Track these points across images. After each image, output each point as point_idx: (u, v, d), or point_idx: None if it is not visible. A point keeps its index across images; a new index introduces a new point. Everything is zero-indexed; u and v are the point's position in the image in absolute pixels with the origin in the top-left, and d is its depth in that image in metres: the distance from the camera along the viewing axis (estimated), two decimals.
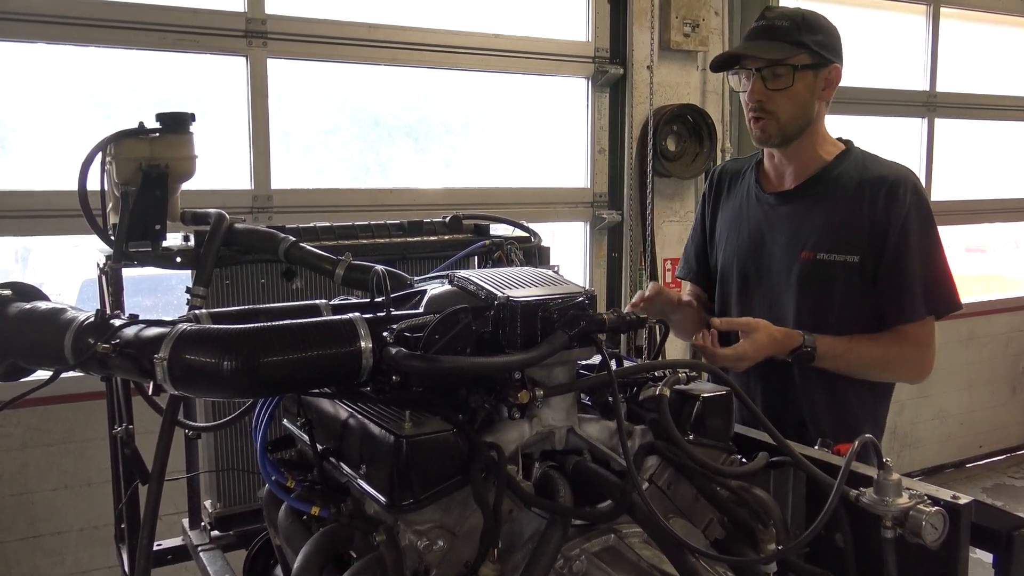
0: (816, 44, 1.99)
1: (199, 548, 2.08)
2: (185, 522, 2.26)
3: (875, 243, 1.97)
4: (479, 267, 2.19)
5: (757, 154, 2.24)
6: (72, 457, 3.39)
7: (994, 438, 6.21)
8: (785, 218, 2.10)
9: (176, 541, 2.25)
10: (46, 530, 3.39)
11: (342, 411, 1.39)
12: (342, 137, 4.18)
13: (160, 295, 3.63)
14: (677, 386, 1.41)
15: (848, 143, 2.14)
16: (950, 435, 6.00)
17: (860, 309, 2.01)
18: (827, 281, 2.02)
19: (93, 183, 1.93)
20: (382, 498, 1.23)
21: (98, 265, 2.07)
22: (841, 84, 2.10)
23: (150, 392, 1.78)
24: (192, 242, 1.98)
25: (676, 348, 4.66)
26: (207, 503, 2.18)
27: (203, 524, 2.19)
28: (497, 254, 2.15)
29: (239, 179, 3.63)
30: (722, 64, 2.10)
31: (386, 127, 4.25)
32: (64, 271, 3.90)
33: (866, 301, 2.01)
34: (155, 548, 2.18)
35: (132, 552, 2.14)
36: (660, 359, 1.68)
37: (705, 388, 1.43)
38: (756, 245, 2.14)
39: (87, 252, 2.25)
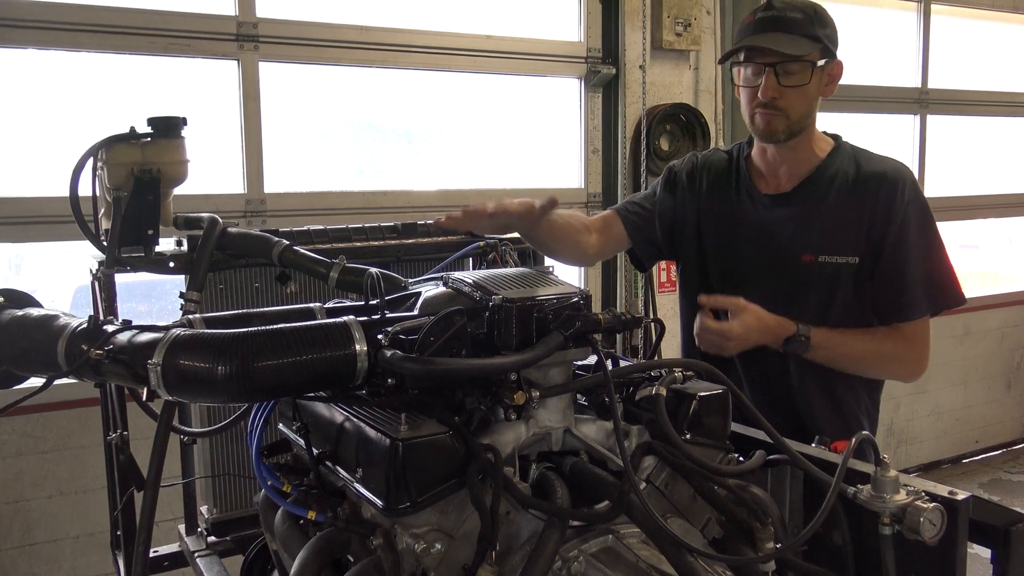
0: (827, 39, 1.92)
1: (196, 554, 2.08)
2: (181, 528, 2.25)
3: (874, 242, 1.94)
4: (474, 269, 2.19)
5: (741, 148, 2.15)
6: (67, 464, 3.38)
7: (990, 433, 6.23)
8: (782, 221, 2.03)
9: (173, 547, 2.25)
10: (42, 538, 3.38)
11: (338, 415, 1.39)
12: (335, 140, 4.18)
13: (154, 300, 3.62)
14: (673, 385, 1.41)
15: (836, 137, 2.09)
16: (946, 431, 6.01)
17: (862, 311, 1.99)
18: (829, 284, 1.98)
19: (85, 189, 1.92)
20: (378, 501, 1.23)
21: (91, 271, 2.06)
22: None
23: (144, 398, 1.77)
24: (185, 247, 1.97)
25: (672, 348, 4.66)
26: (203, 508, 2.18)
27: (200, 530, 2.19)
28: (492, 255, 2.15)
29: (232, 183, 3.63)
30: (732, 56, 1.99)
31: (379, 129, 4.25)
32: (57, 277, 3.88)
33: (867, 301, 1.98)
34: (151, 554, 2.18)
35: (128, 559, 2.13)
36: (656, 358, 1.68)
37: (701, 387, 1.42)
38: (751, 247, 2.07)
39: (80, 258, 2.24)
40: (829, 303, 1.98)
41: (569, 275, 4.45)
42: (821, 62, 1.91)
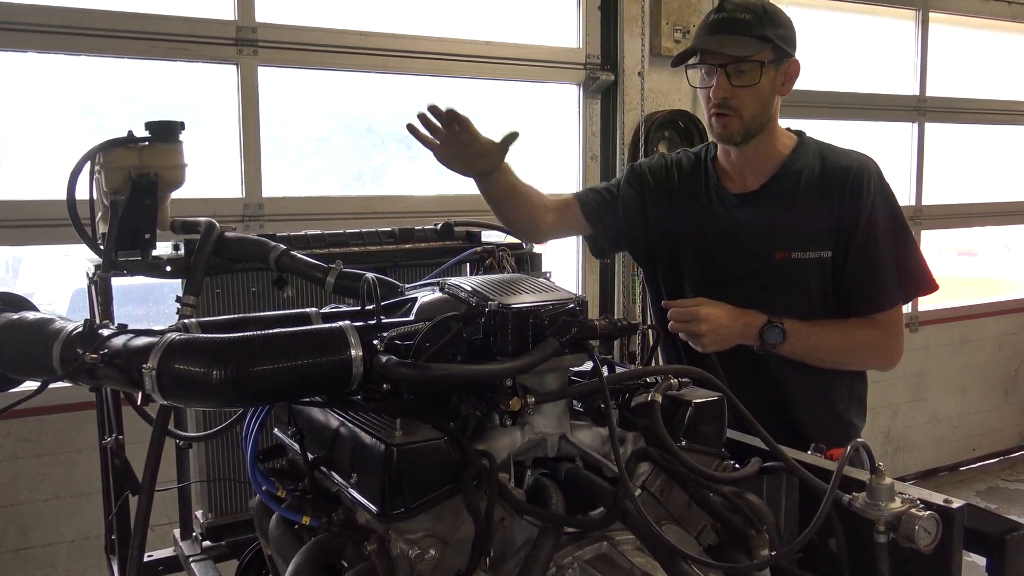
0: (778, 38, 1.93)
1: (190, 559, 2.07)
2: (176, 532, 2.24)
3: (844, 234, 1.96)
4: (471, 274, 2.19)
5: (708, 149, 2.16)
6: (63, 468, 3.37)
7: (987, 441, 6.23)
8: (752, 219, 2.04)
9: (168, 552, 2.24)
10: (37, 541, 3.37)
11: (333, 420, 1.38)
12: (335, 145, 4.18)
13: (151, 304, 3.62)
14: (669, 392, 1.41)
15: (800, 133, 2.09)
16: (943, 438, 6.01)
17: (840, 305, 2.01)
18: (805, 279, 1.99)
19: (83, 192, 1.92)
20: (373, 507, 1.22)
21: (87, 274, 2.06)
22: (832, 89, 2.07)
23: (139, 402, 1.77)
24: (182, 251, 1.97)
25: None
26: (198, 513, 2.17)
27: (195, 534, 2.18)
28: (489, 261, 2.15)
29: (230, 187, 3.63)
30: (684, 59, 2.01)
31: (379, 134, 4.25)
32: (55, 281, 3.89)
33: (842, 294, 2.00)
34: (146, 559, 2.18)
35: (123, 563, 2.12)
36: (652, 365, 1.68)
37: (697, 394, 1.42)
38: (722, 248, 2.06)
39: (78, 261, 2.24)
40: (807, 300, 1.99)
41: (567, 280, 4.46)
42: (771, 61, 1.93)
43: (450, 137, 1.93)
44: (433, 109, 1.90)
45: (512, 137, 1.90)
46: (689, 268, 2.13)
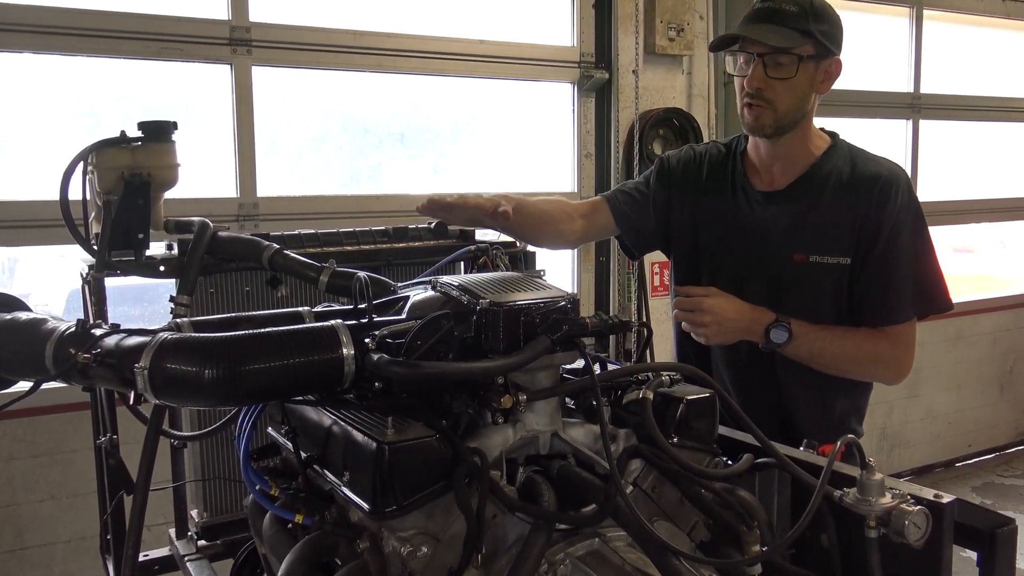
0: (822, 34, 1.92)
1: (186, 558, 2.07)
2: (172, 532, 2.25)
3: (865, 242, 1.94)
4: (464, 273, 2.19)
5: (738, 142, 2.14)
6: (59, 468, 3.37)
7: (983, 437, 6.25)
8: (775, 218, 2.02)
9: (163, 551, 2.24)
10: (33, 542, 3.37)
11: (325, 418, 1.39)
12: (331, 144, 4.18)
13: (147, 304, 3.61)
14: (661, 389, 1.41)
15: (833, 135, 2.08)
16: (939, 435, 6.03)
17: (852, 313, 1.99)
18: (820, 283, 1.97)
19: (76, 193, 1.93)
20: (365, 505, 1.23)
21: (81, 275, 2.06)
22: None
23: (132, 402, 1.77)
24: (176, 251, 1.97)
25: (665, 351, 4.67)
26: (193, 512, 2.17)
27: (190, 534, 2.18)
28: (482, 259, 2.15)
29: (225, 187, 3.63)
30: (722, 44, 2.01)
31: (376, 134, 4.25)
32: (51, 281, 3.88)
33: (855, 302, 1.98)
34: (142, 558, 2.18)
35: (118, 563, 2.12)
36: (644, 362, 1.69)
37: (689, 391, 1.43)
38: (741, 244, 2.06)
39: (73, 262, 2.24)
40: (820, 304, 1.98)
41: (563, 278, 4.47)
42: (811, 57, 1.92)
43: (446, 216, 1.98)
44: (422, 209, 1.93)
45: (503, 218, 1.89)
46: (707, 261, 2.13)
